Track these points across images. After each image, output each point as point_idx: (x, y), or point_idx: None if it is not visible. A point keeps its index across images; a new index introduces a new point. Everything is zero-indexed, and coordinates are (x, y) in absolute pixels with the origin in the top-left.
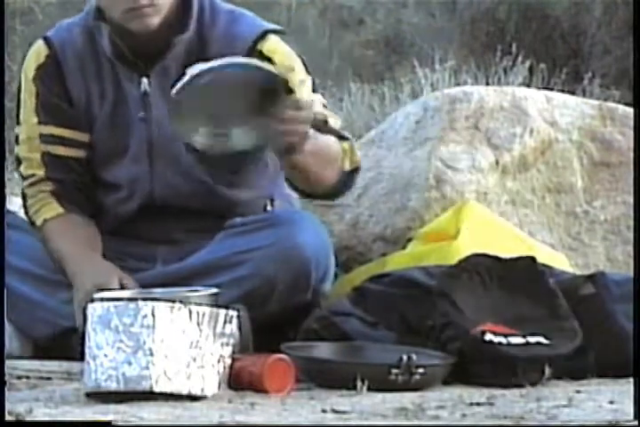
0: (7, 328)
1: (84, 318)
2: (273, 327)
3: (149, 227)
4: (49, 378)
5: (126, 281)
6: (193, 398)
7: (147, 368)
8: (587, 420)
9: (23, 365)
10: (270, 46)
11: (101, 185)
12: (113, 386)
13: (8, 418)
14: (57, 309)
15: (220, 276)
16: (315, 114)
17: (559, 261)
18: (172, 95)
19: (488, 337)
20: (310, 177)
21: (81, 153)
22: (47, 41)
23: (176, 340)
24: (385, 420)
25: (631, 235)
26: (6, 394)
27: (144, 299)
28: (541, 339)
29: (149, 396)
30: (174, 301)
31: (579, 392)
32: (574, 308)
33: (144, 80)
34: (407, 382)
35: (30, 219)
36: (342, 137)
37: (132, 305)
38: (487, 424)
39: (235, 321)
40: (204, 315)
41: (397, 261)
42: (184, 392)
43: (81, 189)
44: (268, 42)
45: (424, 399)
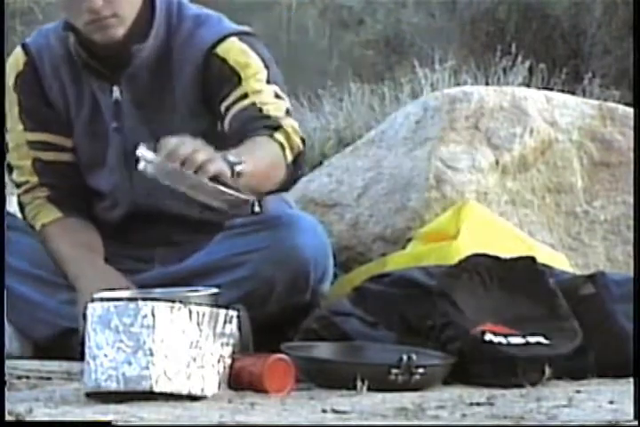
0: (7, 329)
1: (85, 319)
2: (273, 328)
3: (142, 232)
4: (49, 378)
5: (126, 284)
6: (193, 398)
7: (147, 368)
8: (587, 420)
9: (23, 365)
10: (225, 47)
11: (89, 191)
12: (113, 386)
13: (8, 418)
14: (57, 309)
15: (219, 277)
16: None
17: (559, 261)
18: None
19: (488, 337)
20: (255, 188)
21: (70, 157)
22: (25, 48)
23: (176, 340)
24: (385, 420)
25: (631, 235)
26: (6, 394)
27: (144, 299)
28: (541, 339)
29: (149, 396)
30: (174, 301)
31: (579, 392)
32: (574, 308)
33: (115, 88)
34: (407, 382)
35: (29, 224)
36: (277, 127)
37: (132, 305)
38: (487, 424)
39: (235, 321)
40: (204, 315)
41: (397, 261)
42: (184, 392)
43: (76, 193)
44: (225, 44)
45: (424, 399)
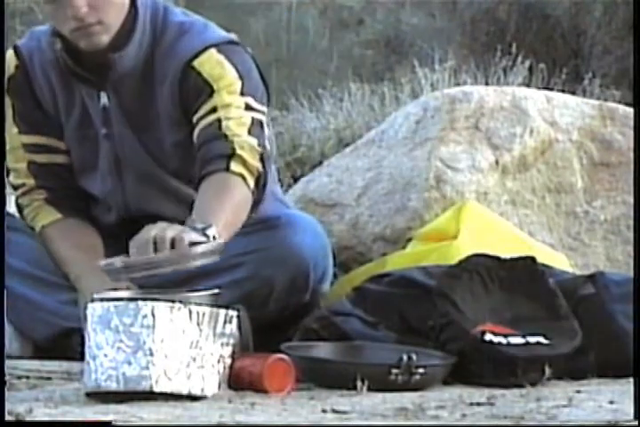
0: (7, 329)
1: (84, 318)
2: (273, 328)
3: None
4: (49, 378)
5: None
6: (193, 398)
7: (147, 368)
8: (587, 420)
9: (23, 365)
10: (201, 60)
11: (85, 193)
12: (113, 386)
13: (8, 418)
14: (56, 309)
15: (219, 278)
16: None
17: (559, 261)
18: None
19: (488, 337)
20: (235, 228)
21: (64, 159)
22: (16, 50)
23: (176, 340)
24: (385, 420)
25: (631, 235)
26: (6, 394)
27: (144, 299)
28: (541, 339)
29: (149, 396)
30: (174, 301)
31: (579, 392)
32: (574, 308)
33: (102, 94)
34: (407, 382)
35: (29, 225)
36: (231, 154)
37: (132, 305)
38: (487, 424)
39: (235, 321)
40: (204, 315)
41: (397, 261)
42: (184, 392)
43: (73, 195)
44: (202, 56)
45: (424, 399)
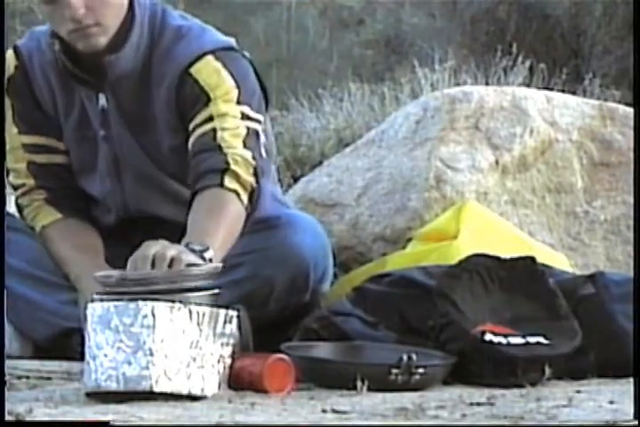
0: (7, 329)
1: (84, 318)
2: (273, 327)
3: (138, 235)
4: (49, 378)
5: None
6: (193, 398)
7: (147, 368)
8: (587, 420)
9: (23, 365)
10: (198, 67)
11: (85, 194)
12: (113, 386)
13: (8, 418)
14: (56, 309)
15: (219, 278)
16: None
17: (559, 261)
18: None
19: (488, 337)
20: (230, 245)
21: (63, 159)
22: (16, 51)
23: (176, 340)
24: (385, 420)
25: (631, 235)
26: (6, 394)
27: (144, 299)
28: (541, 339)
29: (149, 396)
30: (174, 301)
31: (579, 392)
32: (574, 308)
33: (101, 96)
34: (407, 382)
35: (29, 226)
36: (224, 169)
37: (132, 305)
38: (487, 424)
39: (235, 321)
40: (204, 315)
41: (397, 261)
42: (184, 392)
43: (73, 195)
44: (199, 63)
45: (424, 399)
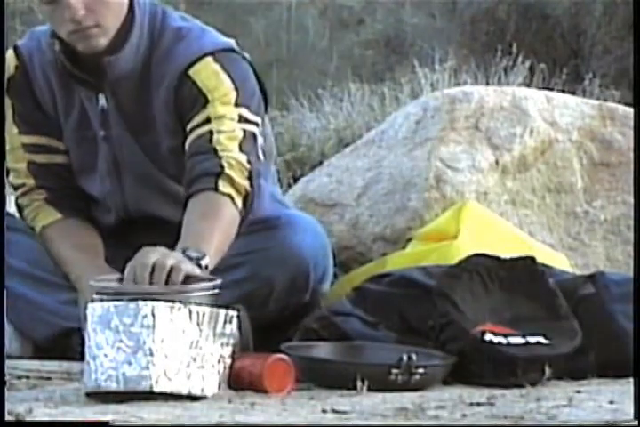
0: (7, 329)
1: (84, 318)
2: (272, 327)
3: (138, 235)
4: (49, 378)
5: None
6: (193, 398)
7: (147, 368)
8: (587, 420)
9: (23, 365)
10: (197, 69)
11: (86, 195)
12: (113, 386)
13: (8, 418)
14: (57, 309)
15: (219, 277)
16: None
17: (559, 261)
18: None
19: (488, 337)
20: (225, 249)
21: (64, 159)
22: (16, 51)
23: (176, 340)
24: (385, 420)
25: (631, 235)
26: (6, 394)
27: (144, 299)
28: (541, 339)
29: (149, 396)
30: (174, 301)
31: (579, 392)
32: (574, 308)
33: (100, 96)
34: (407, 382)
35: (29, 226)
36: (219, 173)
37: (132, 305)
38: (487, 424)
39: (235, 321)
40: (204, 315)
41: (397, 261)
42: (184, 392)
43: (73, 194)
44: (198, 65)
45: (424, 399)
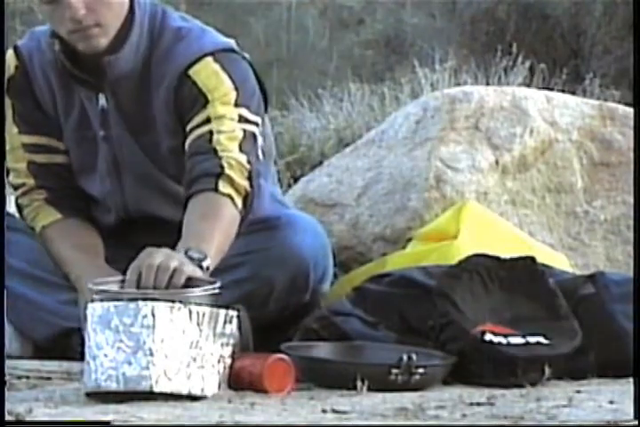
0: (7, 329)
1: (84, 318)
2: (273, 327)
3: (139, 235)
4: (49, 378)
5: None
6: (193, 398)
7: (147, 368)
8: (587, 420)
9: (23, 365)
10: (197, 69)
11: (85, 194)
12: (113, 386)
13: (8, 418)
14: (57, 309)
15: (219, 277)
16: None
17: (559, 261)
18: None
19: (488, 337)
20: (225, 250)
21: (64, 159)
22: (16, 51)
23: (176, 340)
24: (385, 420)
25: (631, 235)
26: (6, 394)
27: (144, 299)
28: (541, 339)
29: (149, 396)
30: (174, 301)
31: (579, 392)
32: (574, 308)
33: (100, 96)
34: (407, 382)
35: (29, 226)
36: (219, 173)
37: (132, 305)
38: (487, 424)
39: (235, 321)
40: (204, 315)
41: (397, 261)
42: (184, 392)
43: (73, 194)
44: (198, 65)
45: (424, 399)
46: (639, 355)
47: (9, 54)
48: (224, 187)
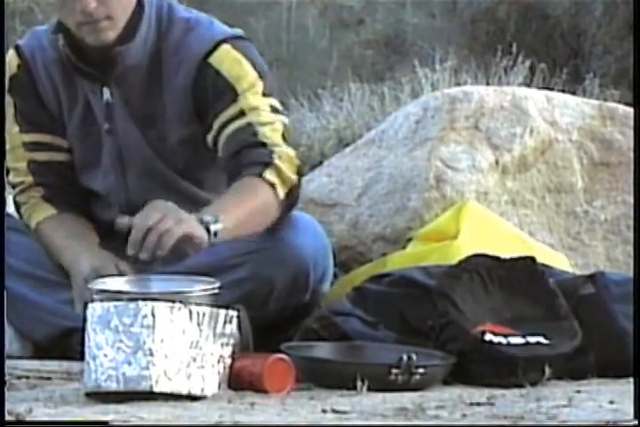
0: (7, 329)
1: (84, 318)
2: (273, 328)
3: None
4: (49, 378)
5: (123, 267)
6: (193, 398)
7: (147, 368)
8: (587, 420)
9: (23, 365)
10: (218, 57)
11: (86, 191)
12: (113, 386)
13: (8, 418)
14: (57, 309)
15: (220, 277)
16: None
17: (559, 261)
18: None
19: (488, 337)
20: (249, 232)
21: (65, 157)
22: (18, 50)
23: (176, 340)
24: (385, 420)
25: (631, 235)
26: (6, 394)
27: (144, 299)
28: (541, 339)
29: (149, 396)
30: (174, 301)
31: (579, 392)
32: (574, 308)
33: (105, 90)
34: (407, 382)
35: (25, 224)
36: (268, 162)
37: (132, 305)
38: (487, 424)
39: (235, 321)
40: (204, 315)
41: (397, 261)
42: (184, 392)
43: (71, 191)
44: (217, 53)
45: (424, 399)
46: (639, 355)
47: (10, 53)
48: (270, 175)
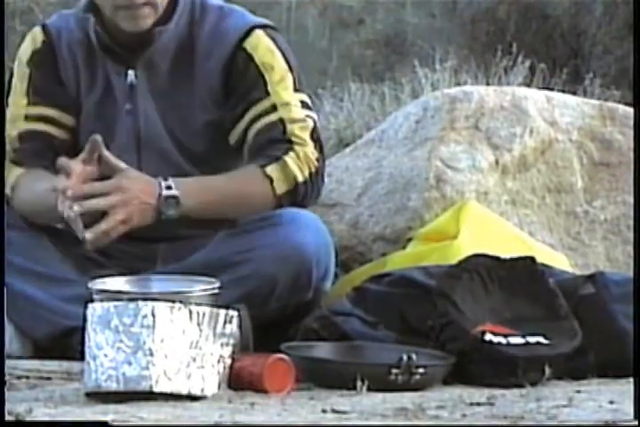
0: (7, 329)
1: (84, 318)
2: (274, 326)
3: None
4: (49, 378)
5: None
6: (193, 398)
7: (147, 368)
8: (587, 420)
9: (23, 365)
10: (253, 42)
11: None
12: (113, 386)
13: (8, 418)
14: (57, 307)
15: (221, 275)
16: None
17: (559, 261)
18: None
19: (488, 337)
20: (221, 215)
21: (63, 135)
22: (44, 28)
23: (176, 340)
24: (385, 420)
25: (631, 235)
26: (6, 394)
27: (144, 299)
28: (541, 339)
29: (149, 396)
30: (174, 301)
31: (579, 392)
32: (574, 308)
33: (130, 72)
34: (407, 382)
35: (8, 198)
36: (278, 157)
37: (132, 305)
38: (487, 424)
39: (235, 321)
40: (204, 315)
41: (397, 261)
42: (184, 392)
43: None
44: (252, 38)
45: (424, 399)
46: (639, 355)
47: (36, 30)
48: (272, 169)
